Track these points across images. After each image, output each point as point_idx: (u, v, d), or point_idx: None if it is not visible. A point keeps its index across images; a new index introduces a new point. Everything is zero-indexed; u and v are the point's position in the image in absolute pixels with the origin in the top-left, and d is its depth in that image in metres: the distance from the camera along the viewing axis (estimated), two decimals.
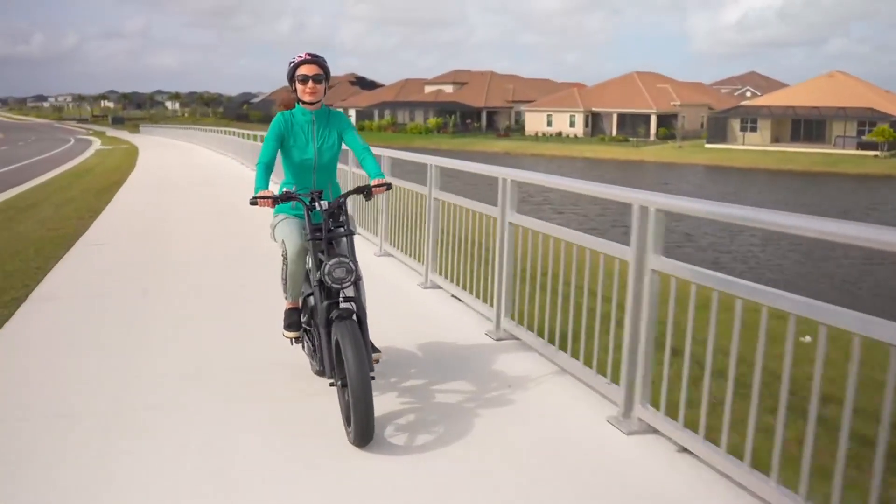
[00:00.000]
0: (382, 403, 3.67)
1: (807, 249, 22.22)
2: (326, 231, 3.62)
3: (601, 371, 3.79)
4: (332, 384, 3.56)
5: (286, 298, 4.10)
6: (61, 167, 23.97)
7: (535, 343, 4.46)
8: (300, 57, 3.89)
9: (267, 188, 3.71)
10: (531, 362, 4.37)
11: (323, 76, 3.90)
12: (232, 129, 26.00)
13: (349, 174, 8.38)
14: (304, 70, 3.85)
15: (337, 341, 3.46)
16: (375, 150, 4.69)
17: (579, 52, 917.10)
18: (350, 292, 3.63)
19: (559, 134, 68.40)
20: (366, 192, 3.86)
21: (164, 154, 28.75)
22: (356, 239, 3.90)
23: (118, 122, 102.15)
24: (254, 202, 3.64)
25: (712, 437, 2.99)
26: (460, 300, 5.69)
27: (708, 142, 60.96)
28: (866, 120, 57.10)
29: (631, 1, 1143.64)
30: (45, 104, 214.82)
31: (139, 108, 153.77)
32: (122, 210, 11.64)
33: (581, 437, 3.45)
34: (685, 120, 67.58)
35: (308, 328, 4.05)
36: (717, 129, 61.71)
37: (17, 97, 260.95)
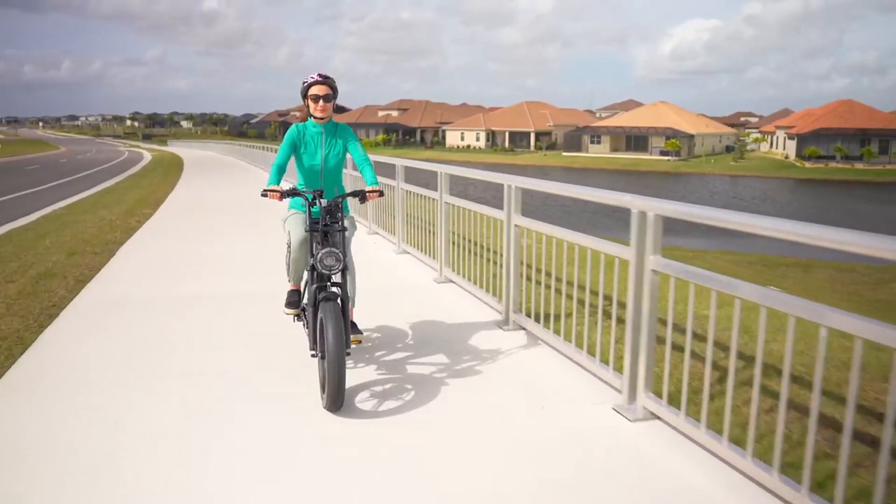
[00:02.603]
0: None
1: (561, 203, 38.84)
2: (323, 224, 3.77)
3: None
4: (313, 356, 3.72)
5: (289, 281, 4.30)
6: (143, 161, 40.49)
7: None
8: (313, 78, 3.99)
9: (278, 185, 3.87)
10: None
11: (332, 95, 4.02)
12: (227, 141, 44.65)
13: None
14: (315, 90, 3.97)
15: (321, 319, 3.54)
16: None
17: (538, 77, 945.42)
18: (338, 279, 3.75)
19: (468, 146, 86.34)
20: (361, 195, 3.98)
21: (191, 153, 46.36)
22: (362, 235, 4.07)
23: (147, 137, 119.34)
24: (264, 194, 3.81)
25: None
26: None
27: (564, 151, 78.98)
28: (669, 136, 75.35)
29: (581, 34, 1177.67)
30: (77, 123, 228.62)
31: (160, 127, 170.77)
32: (189, 163, 29.56)
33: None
34: (558, 136, 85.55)
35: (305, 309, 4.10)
36: (572, 142, 79.60)
37: (52, 116, 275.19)
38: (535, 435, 3.29)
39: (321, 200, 3.83)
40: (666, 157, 71.77)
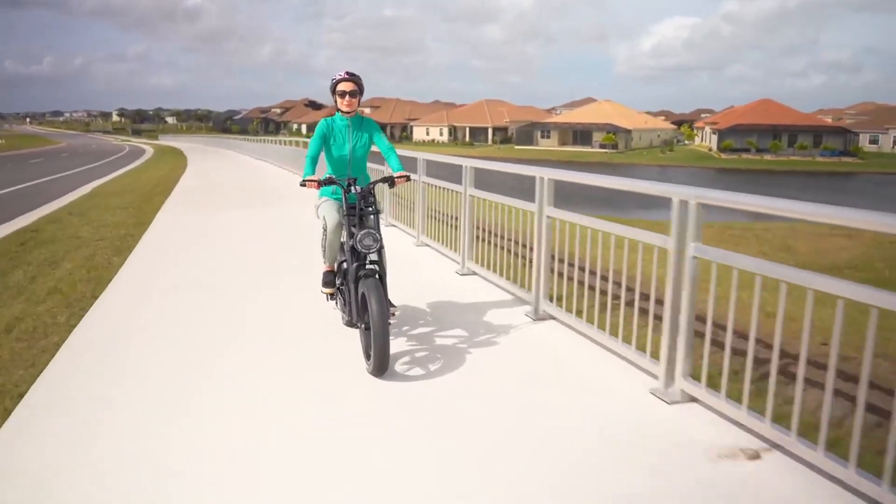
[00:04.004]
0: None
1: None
2: (359, 209, 4.18)
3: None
4: (356, 326, 4.20)
5: (324, 262, 4.66)
6: (148, 150, 50.10)
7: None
8: (340, 75, 4.36)
9: (313, 175, 4.24)
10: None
11: (358, 91, 4.38)
12: (212, 136, 55.05)
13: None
14: (342, 87, 4.34)
15: (363, 293, 3.95)
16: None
17: (520, 75, 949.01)
18: (374, 257, 4.15)
19: (432, 141, 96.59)
20: (390, 181, 4.47)
21: (184, 145, 55.91)
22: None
23: (136, 133, 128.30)
24: (303, 184, 4.20)
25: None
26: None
27: (516, 144, 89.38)
28: (609, 131, 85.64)
29: (563, 32, 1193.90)
30: (62, 119, 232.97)
31: (147, 122, 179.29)
32: (187, 151, 39.71)
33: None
34: (514, 132, 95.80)
35: (341, 288, 4.57)
36: (523, 136, 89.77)
37: (36, 112, 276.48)
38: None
39: (356, 187, 4.24)
40: (604, 150, 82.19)
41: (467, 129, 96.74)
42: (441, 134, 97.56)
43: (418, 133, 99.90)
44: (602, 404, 3.67)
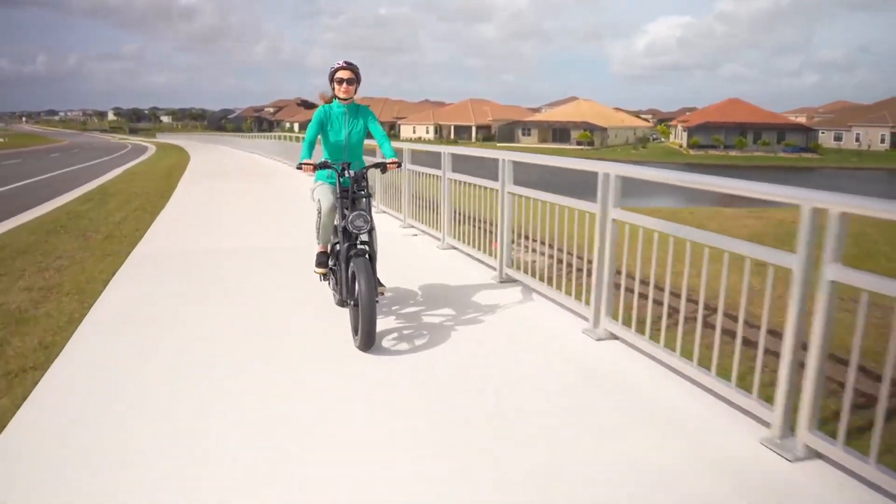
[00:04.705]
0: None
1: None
2: (352, 192, 4.35)
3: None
4: (346, 304, 4.36)
5: (318, 243, 4.80)
6: (151, 148, 53.16)
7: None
8: (339, 64, 4.52)
9: (310, 159, 4.41)
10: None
11: (355, 79, 4.53)
12: (207, 134, 58.48)
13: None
14: (340, 74, 4.50)
15: (353, 272, 4.10)
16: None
17: (515, 73, 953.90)
18: (365, 238, 4.31)
19: (419, 138, 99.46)
20: (382, 167, 4.61)
21: (181, 142, 59.41)
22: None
23: (134, 131, 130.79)
24: (299, 167, 4.38)
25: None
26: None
27: (497, 142, 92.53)
28: (585, 129, 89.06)
29: (558, 31, 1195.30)
30: (57, 118, 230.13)
31: (143, 121, 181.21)
32: (186, 147, 43.04)
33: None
34: (497, 130, 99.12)
35: (334, 269, 4.71)
36: (506, 134, 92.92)
37: (32, 111, 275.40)
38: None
39: (349, 171, 4.39)
40: (580, 147, 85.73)
41: (452, 128, 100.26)
42: (427, 132, 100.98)
43: (405, 131, 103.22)
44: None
